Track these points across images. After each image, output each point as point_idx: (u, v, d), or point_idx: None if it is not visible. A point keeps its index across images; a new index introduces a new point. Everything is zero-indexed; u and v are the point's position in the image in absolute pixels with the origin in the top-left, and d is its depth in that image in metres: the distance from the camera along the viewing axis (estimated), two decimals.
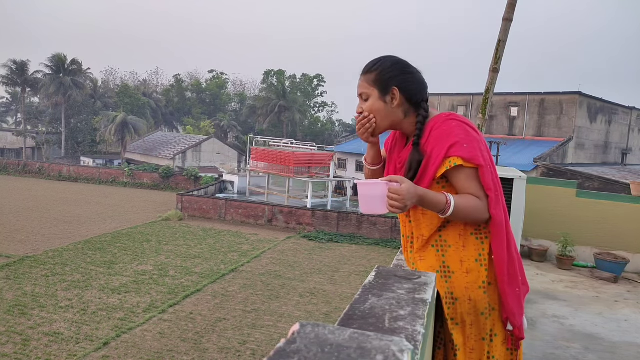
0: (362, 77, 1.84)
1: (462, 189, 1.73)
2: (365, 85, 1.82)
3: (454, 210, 1.67)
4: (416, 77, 1.83)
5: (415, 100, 1.81)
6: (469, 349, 1.77)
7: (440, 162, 1.71)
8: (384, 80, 1.78)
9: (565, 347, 3.89)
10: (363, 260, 23.92)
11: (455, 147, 1.69)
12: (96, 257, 21.74)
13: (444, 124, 1.74)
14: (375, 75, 1.80)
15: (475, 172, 1.71)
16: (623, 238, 6.74)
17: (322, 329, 0.86)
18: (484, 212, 1.71)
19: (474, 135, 1.74)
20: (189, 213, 31.77)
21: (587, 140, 36.62)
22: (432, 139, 1.75)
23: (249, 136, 47.41)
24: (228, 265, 21.61)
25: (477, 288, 1.74)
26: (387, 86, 1.78)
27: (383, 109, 1.79)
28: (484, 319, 1.76)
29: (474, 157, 1.69)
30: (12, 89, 57.56)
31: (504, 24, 4.81)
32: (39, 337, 13.98)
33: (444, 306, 1.76)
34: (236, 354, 13.54)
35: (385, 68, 1.79)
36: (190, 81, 71.97)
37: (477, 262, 1.75)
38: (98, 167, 45.60)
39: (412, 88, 1.80)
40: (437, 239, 1.80)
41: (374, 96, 1.80)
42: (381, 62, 1.82)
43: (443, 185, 1.78)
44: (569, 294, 5.53)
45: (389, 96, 1.78)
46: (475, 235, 1.77)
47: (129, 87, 60.08)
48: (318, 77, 66.33)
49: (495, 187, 1.74)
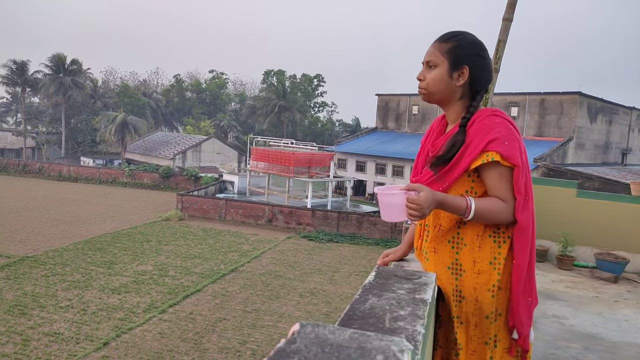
0: (435, 44, 1.77)
1: (492, 188, 1.69)
2: (437, 53, 1.75)
3: (475, 215, 1.64)
4: (488, 65, 1.78)
5: (476, 88, 1.77)
6: (471, 351, 1.75)
7: (477, 155, 1.66)
8: (459, 55, 1.73)
9: (565, 347, 3.89)
10: (363, 260, 23.91)
11: (496, 142, 1.64)
12: (96, 257, 21.74)
13: (488, 118, 1.70)
14: (452, 46, 1.74)
15: (510, 172, 1.67)
16: (623, 238, 6.73)
17: (322, 329, 0.86)
18: (507, 215, 1.67)
19: (515, 135, 1.70)
20: (189, 213, 31.78)
21: (587, 140, 36.63)
22: (472, 130, 1.70)
23: (249, 136, 47.41)
24: (228, 265, 21.61)
25: (486, 291, 1.71)
26: (460, 62, 1.73)
27: (445, 83, 1.75)
28: (489, 323, 1.73)
29: (513, 156, 1.64)
30: (12, 89, 57.58)
31: (504, 24, 4.81)
32: (39, 337, 13.98)
33: (451, 303, 1.74)
34: (236, 354, 13.54)
35: (464, 43, 1.74)
36: (190, 81, 72.00)
37: (491, 264, 1.71)
38: (98, 167, 45.60)
39: (481, 74, 1.76)
40: (454, 236, 1.77)
41: (442, 67, 1.74)
42: (461, 35, 1.77)
43: (473, 179, 1.73)
44: (569, 294, 5.52)
45: (457, 72, 1.73)
46: (494, 237, 1.73)
47: (129, 87, 60.09)
48: (318, 77, 66.32)
49: (526, 191, 1.69)
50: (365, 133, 48.24)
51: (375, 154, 41.13)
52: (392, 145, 41.58)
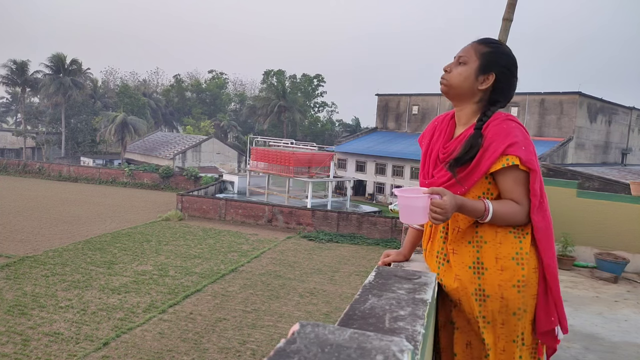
0: (472, 44, 1.82)
1: (507, 191, 1.72)
2: (471, 52, 1.79)
3: (492, 217, 1.68)
4: (514, 81, 1.83)
5: (496, 98, 1.80)
6: (500, 350, 1.74)
7: (496, 158, 1.69)
8: (491, 60, 1.77)
9: (565, 347, 3.89)
10: (363, 260, 23.91)
11: (515, 146, 1.68)
12: (96, 257, 21.74)
13: (504, 123, 1.73)
14: (488, 50, 1.78)
15: (526, 176, 1.71)
16: (623, 238, 6.73)
17: (322, 329, 0.86)
18: (522, 217, 1.72)
19: (530, 140, 1.75)
20: (189, 213, 31.78)
21: (587, 140, 36.62)
22: (490, 133, 1.72)
23: (249, 136, 47.40)
24: (228, 265, 21.61)
25: (511, 287, 1.70)
26: (490, 67, 1.77)
27: (469, 82, 1.78)
28: (516, 320, 1.72)
29: (530, 160, 1.69)
30: (12, 89, 57.62)
31: (504, 23, 4.81)
32: (39, 337, 13.97)
33: (474, 303, 1.73)
34: (236, 354, 13.54)
35: (500, 52, 1.79)
36: (190, 81, 71.99)
37: (513, 260, 1.72)
38: (98, 167, 45.59)
39: (504, 86, 1.80)
40: (473, 235, 1.77)
41: (472, 66, 1.78)
42: (500, 45, 1.83)
43: (490, 181, 1.76)
44: (569, 294, 5.52)
45: (484, 76, 1.77)
46: (514, 233, 1.75)
47: (129, 87, 60.09)
48: (318, 77, 66.33)
49: (541, 194, 1.74)
50: (365, 133, 48.23)
51: (375, 154, 41.13)
52: (392, 145, 41.58)
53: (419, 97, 45.20)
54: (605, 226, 6.83)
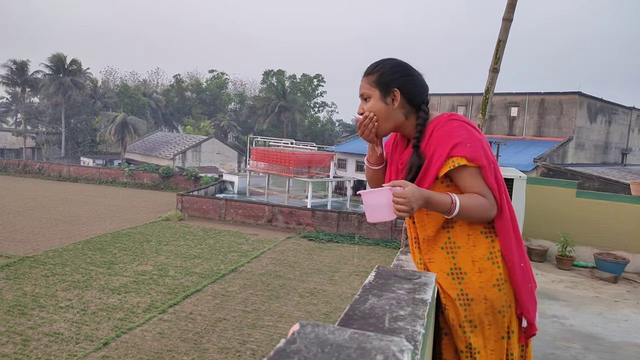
0: (363, 79, 1.85)
1: (467, 187, 1.73)
2: (366, 86, 1.83)
3: (460, 210, 1.68)
4: (417, 80, 1.84)
5: (416, 102, 1.83)
6: (490, 351, 1.76)
7: (442, 162, 1.72)
8: (385, 82, 1.80)
9: (565, 347, 3.89)
10: (363, 260, 23.91)
11: (459, 147, 1.70)
12: (96, 257, 21.73)
13: (446, 125, 1.75)
14: (377, 76, 1.81)
15: (479, 170, 1.72)
16: (623, 238, 6.73)
17: (322, 329, 0.86)
18: (490, 209, 1.72)
19: (476, 135, 1.75)
20: (189, 213, 31.77)
21: (587, 141, 36.63)
22: (434, 140, 1.75)
23: (249, 136, 47.40)
24: (228, 265, 21.61)
25: (492, 286, 1.73)
26: (388, 87, 1.79)
27: (384, 110, 1.81)
28: (502, 317, 1.75)
29: (477, 157, 1.70)
30: (12, 89, 57.60)
31: (504, 23, 4.81)
32: (39, 337, 13.97)
33: (459, 308, 1.74)
34: (236, 354, 13.54)
35: (387, 70, 1.81)
36: (190, 81, 71.97)
37: (489, 260, 1.74)
38: (98, 167, 45.58)
39: (412, 90, 1.82)
40: (445, 241, 1.79)
41: (375, 97, 1.81)
42: (382, 64, 1.84)
43: (447, 184, 1.78)
44: (568, 294, 5.52)
45: (390, 97, 1.80)
46: (485, 234, 1.77)
47: (129, 87, 60.06)
48: (318, 77, 66.31)
49: (499, 185, 1.75)
50: None
51: None
52: None
53: None
54: (605, 226, 6.83)
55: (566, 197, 7.01)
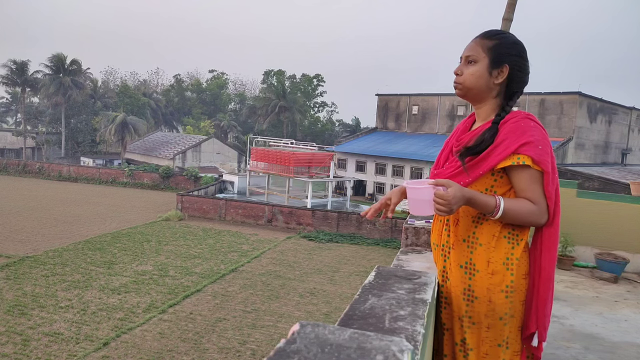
0: (477, 40, 1.77)
1: (522, 190, 1.67)
2: (478, 49, 1.74)
3: (504, 213, 1.63)
4: (527, 67, 1.78)
5: (513, 89, 1.77)
6: (483, 353, 1.73)
7: (506, 155, 1.65)
8: (501, 53, 1.72)
9: (565, 347, 3.89)
10: (363, 260, 23.91)
11: (529, 145, 1.63)
12: (96, 257, 21.73)
13: (522, 120, 1.69)
14: (494, 44, 1.73)
15: (541, 175, 1.66)
16: (623, 238, 6.73)
17: (322, 329, 0.86)
18: (538, 217, 1.67)
19: (548, 141, 1.70)
20: (189, 213, 31.77)
21: (587, 140, 36.63)
22: (505, 130, 1.68)
23: (249, 136, 47.41)
24: (228, 265, 21.61)
25: (500, 291, 1.69)
26: (501, 60, 1.72)
27: (484, 79, 1.74)
28: (502, 325, 1.71)
29: (544, 161, 1.64)
30: (12, 89, 57.54)
31: (504, 23, 4.82)
32: (39, 337, 13.97)
33: (462, 302, 1.72)
34: (236, 354, 13.54)
35: (507, 42, 1.74)
36: (190, 81, 71.97)
37: (504, 265, 1.69)
38: (98, 167, 45.58)
39: (520, 75, 1.76)
40: (469, 235, 1.75)
41: (482, 64, 1.73)
42: (505, 34, 1.77)
43: (496, 178, 1.71)
44: (568, 294, 5.52)
45: (497, 70, 1.73)
46: (508, 239, 1.71)
47: (129, 87, 60.09)
48: (318, 77, 66.31)
49: (556, 199, 1.70)
50: (365, 133, 48.23)
51: (375, 154, 41.13)
52: (392, 146, 41.58)
53: (419, 97, 45.22)
54: (605, 226, 6.83)
55: (566, 197, 6.99)
